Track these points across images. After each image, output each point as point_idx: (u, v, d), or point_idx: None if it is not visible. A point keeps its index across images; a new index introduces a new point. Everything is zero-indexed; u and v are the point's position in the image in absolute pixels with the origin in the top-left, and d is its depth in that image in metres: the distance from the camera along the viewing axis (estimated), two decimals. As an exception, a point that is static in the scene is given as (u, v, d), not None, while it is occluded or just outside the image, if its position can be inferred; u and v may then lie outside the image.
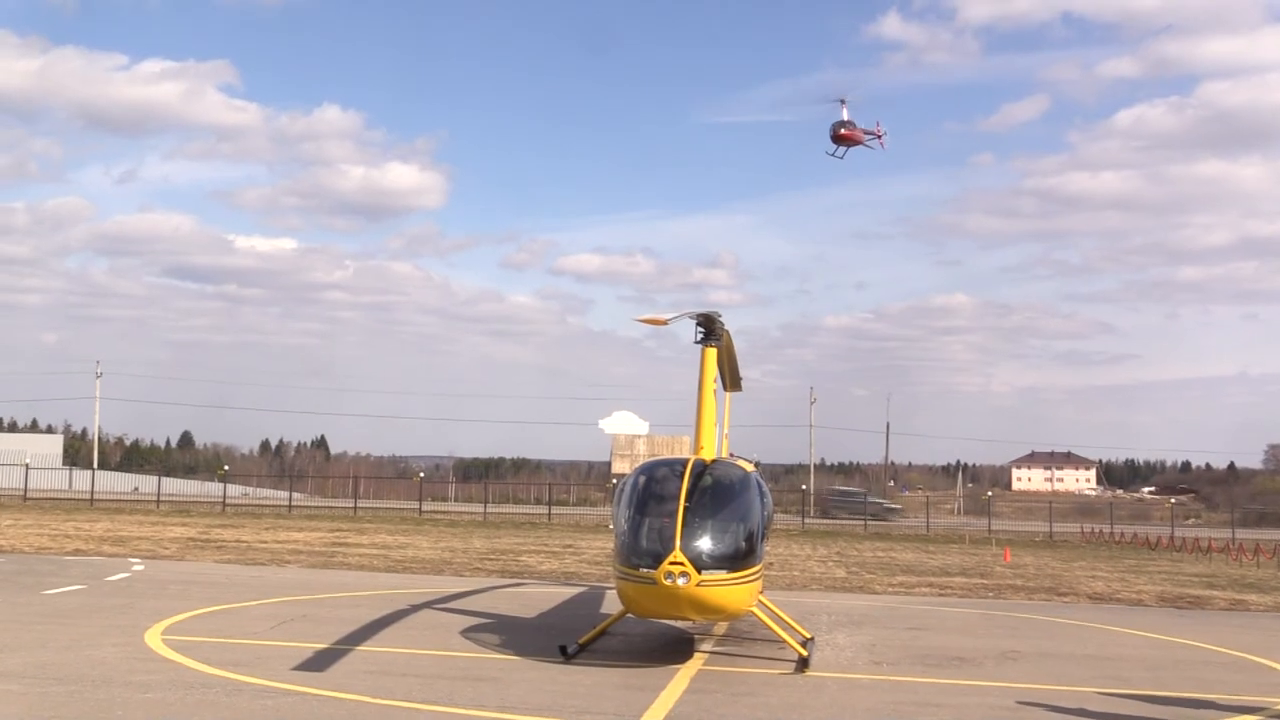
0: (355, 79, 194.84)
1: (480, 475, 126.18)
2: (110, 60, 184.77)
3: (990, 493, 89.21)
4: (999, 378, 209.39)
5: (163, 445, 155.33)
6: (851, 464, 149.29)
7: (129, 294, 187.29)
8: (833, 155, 51.75)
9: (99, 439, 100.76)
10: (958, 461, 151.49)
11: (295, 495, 65.40)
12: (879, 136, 52.40)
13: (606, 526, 43.49)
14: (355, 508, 55.29)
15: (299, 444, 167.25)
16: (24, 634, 14.12)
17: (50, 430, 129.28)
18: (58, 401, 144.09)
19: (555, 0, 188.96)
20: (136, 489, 71.81)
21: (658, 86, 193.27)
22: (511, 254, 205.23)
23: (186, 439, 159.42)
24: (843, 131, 50.66)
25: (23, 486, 55.81)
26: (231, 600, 18.47)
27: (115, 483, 74.60)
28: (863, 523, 58.08)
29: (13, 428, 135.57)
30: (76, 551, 27.49)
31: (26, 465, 57.55)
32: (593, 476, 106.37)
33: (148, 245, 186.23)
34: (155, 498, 56.46)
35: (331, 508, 57.99)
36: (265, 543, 32.03)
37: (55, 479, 67.66)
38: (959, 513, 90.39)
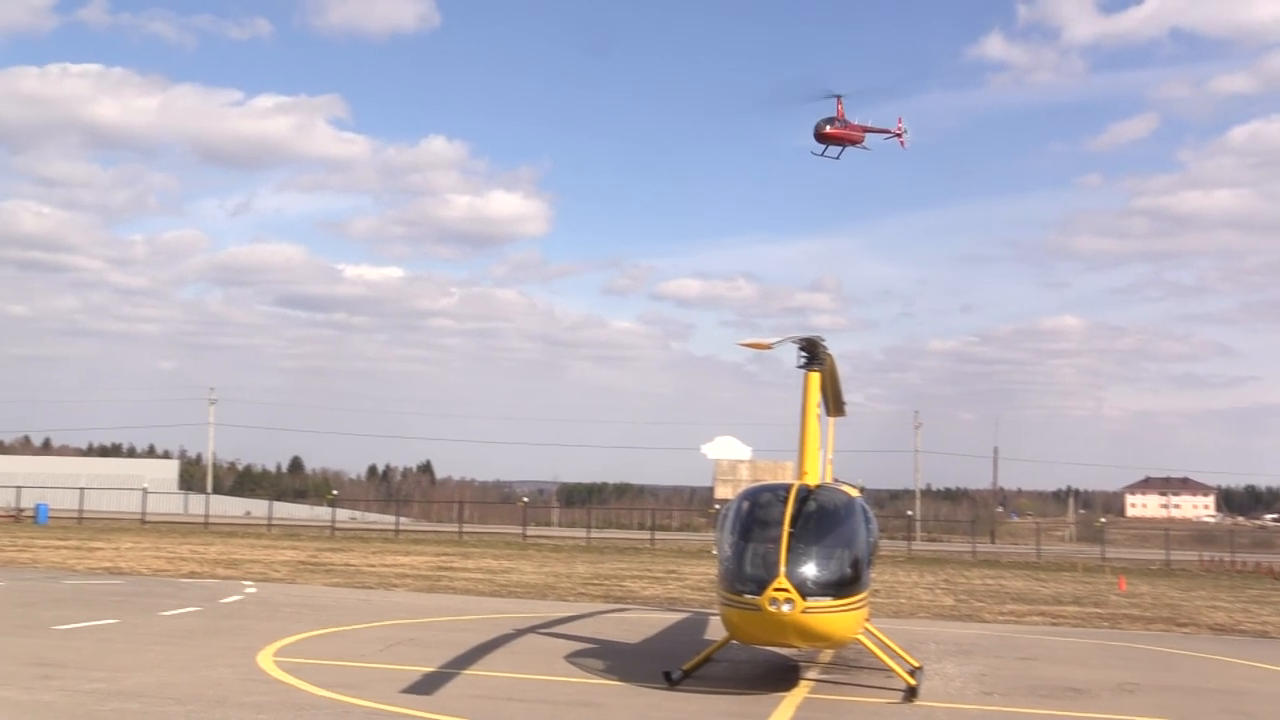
0: (460, 110, 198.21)
1: (583, 500, 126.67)
2: (225, 96, 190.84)
3: (1103, 519, 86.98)
4: (1111, 401, 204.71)
5: (274, 470, 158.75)
6: (958, 489, 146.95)
7: (242, 322, 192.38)
8: (822, 156, 46.42)
9: (213, 464, 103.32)
10: (1069, 487, 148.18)
11: (402, 519, 66.31)
12: (899, 135, 47.46)
13: (710, 552, 43.27)
14: (460, 532, 55.86)
15: (405, 469, 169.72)
16: (143, 654, 14.50)
17: (166, 455, 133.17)
18: (174, 428, 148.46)
19: (653, 31, 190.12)
20: (249, 513, 73.57)
21: (759, 112, 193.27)
22: (614, 280, 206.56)
23: (296, 464, 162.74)
24: (828, 130, 45.53)
25: (141, 510, 57.42)
26: (341, 623, 18.75)
27: (228, 507, 76.58)
28: (970, 549, 57.03)
29: (131, 453, 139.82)
30: (192, 574, 28.18)
31: (144, 490, 59.22)
32: (695, 502, 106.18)
33: (260, 275, 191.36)
34: (267, 522, 57.70)
35: (437, 532, 58.65)
36: (373, 566, 32.50)
37: (171, 503, 69.54)
38: (1071, 540, 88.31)
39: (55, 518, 55.10)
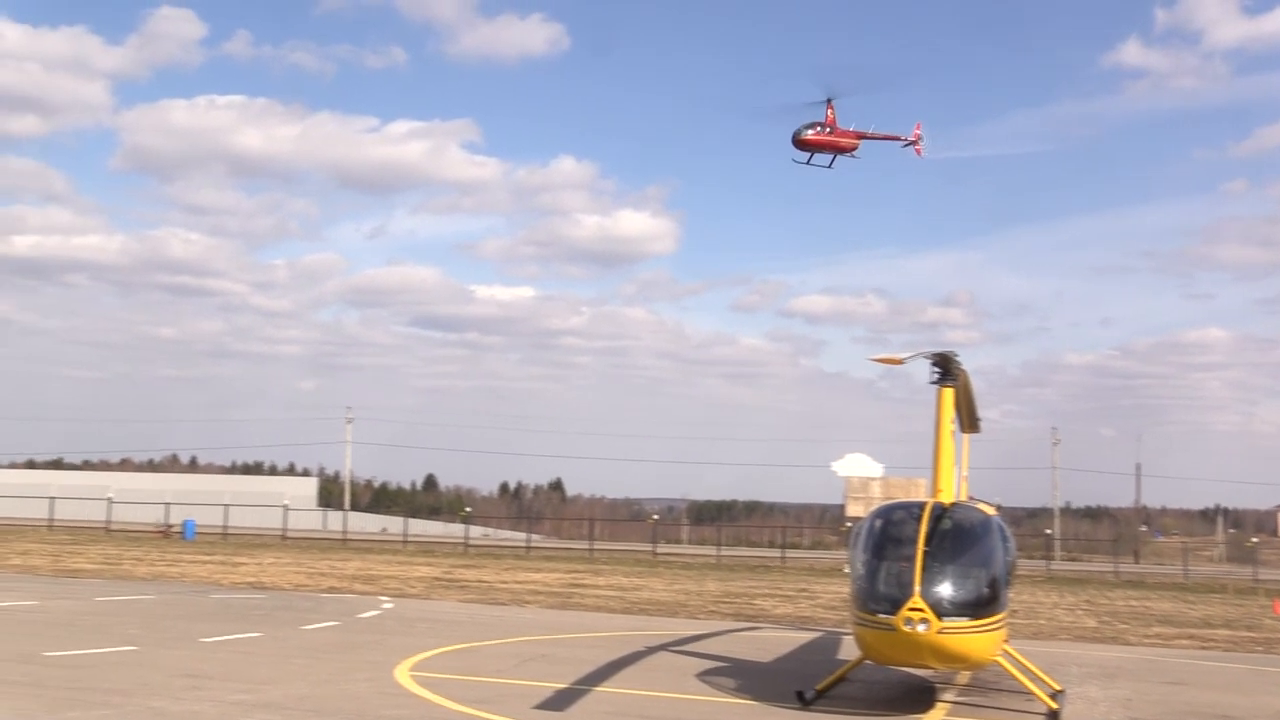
0: (588, 131, 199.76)
1: (713, 518, 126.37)
2: (362, 123, 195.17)
3: (1255, 539, 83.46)
4: (1262, 416, 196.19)
5: (408, 487, 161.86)
6: (1099, 508, 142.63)
7: (378, 343, 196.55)
8: (808, 164, 43.04)
9: (350, 481, 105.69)
10: (1216, 505, 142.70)
11: (533, 536, 66.95)
12: (914, 142, 44.25)
13: (842, 570, 42.75)
14: (591, 549, 56.15)
15: (536, 486, 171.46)
16: (285, 667, 14.87)
17: (306, 473, 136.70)
18: (313, 446, 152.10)
19: (775, 45, 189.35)
20: (385, 530, 75.07)
21: (887, 124, 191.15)
22: (742, 297, 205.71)
23: (431, 481, 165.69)
24: (807, 136, 41.85)
25: (282, 527, 59.02)
26: (475, 639, 18.99)
27: (365, 523, 78.23)
28: (1113, 569, 55.29)
29: (272, 471, 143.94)
30: (331, 589, 28.84)
31: (285, 507, 60.83)
32: (826, 519, 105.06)
33: (395, 296, 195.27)
34: (402, 538, 58.79)
35: (568, 549, 59.06)
36: (506, 583, 32.86)
37: (310, 520, 71.30)
38: (1220, 560, 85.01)
39: (202, 533, 56.99)
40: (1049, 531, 69.07)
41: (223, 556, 40.97)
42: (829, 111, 41.71)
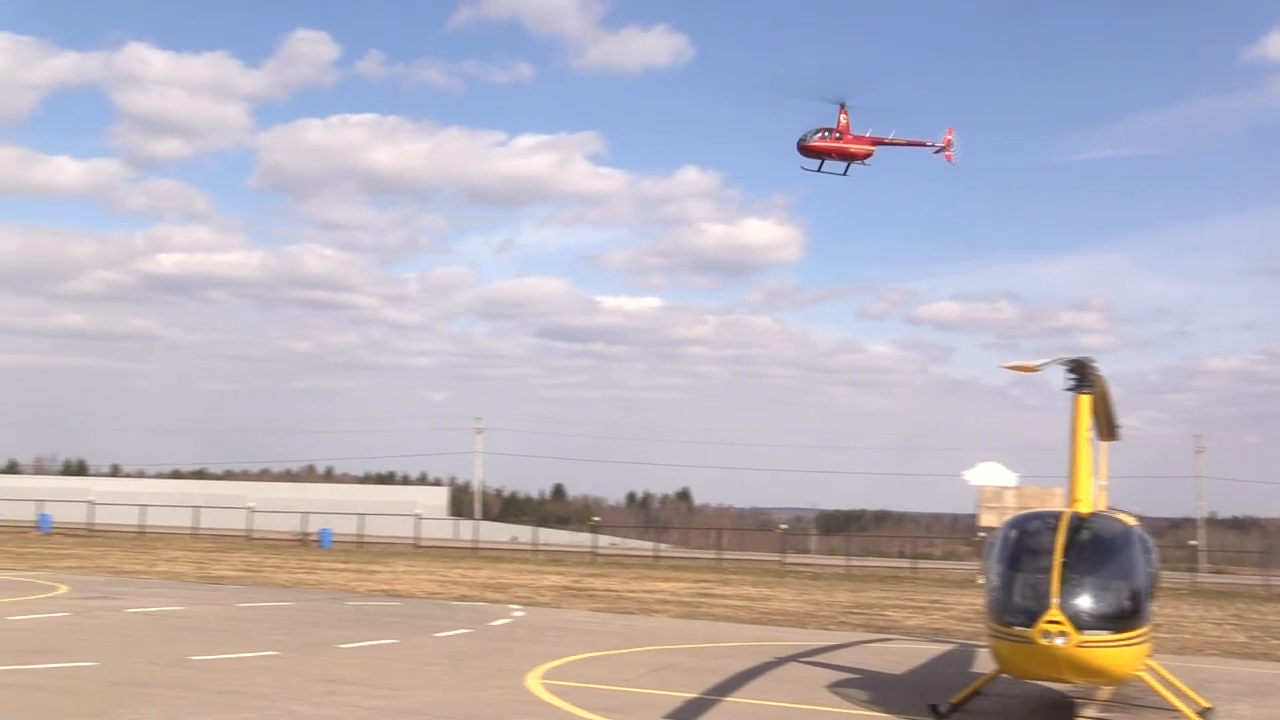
0: (712, 140, 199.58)
1: (842, 527, 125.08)
2: (490, 138, 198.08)
3: None
4: None
5: (537, 497, 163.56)
6: (1247, 518, 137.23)
7: (507, 354, 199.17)
8: (818, 171, 41.37)
9: (480, 491, 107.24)
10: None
11: (660, 545, 67.10)
12: (944, 148, 42.15)
13: (975, 581, 41.92)
14: (719, 558, 56.05)
15: (663, 495, 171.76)
16: (420, 673, 15.13)
17: (437, 483, 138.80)
18: (443, 456, 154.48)
19: (896, 53, 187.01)
20: (514, 538, 75.95)
21: (1016, 125, 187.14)
22: (869, 304, 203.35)
23: (559, 491, 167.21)
24: (812, 142, 40.23)
25: (414, 535, 60.15)
26: (605, 647, 19.07)
27: (495, 532, 79.21)
28: (1263, 582, 53.17)
29: (405, 480, 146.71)
30: (463, 597, 29.27)
31: (417, 516, 61.99)
32: (958, 529, 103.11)
33: (523, 308, 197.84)
34: (532, 547, 59.44)
35: (695, 558, 59.03)
36: (634, 592, 32.96)
37: (442, 529, 72.52)
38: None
39: (338, 542, 58.40)
40: (1193, 543, 66.77)
41: (358, 564, 41.90)
42: (842, 117, 40.48)
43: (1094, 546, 12.92)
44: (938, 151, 41.81)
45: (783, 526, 66.82)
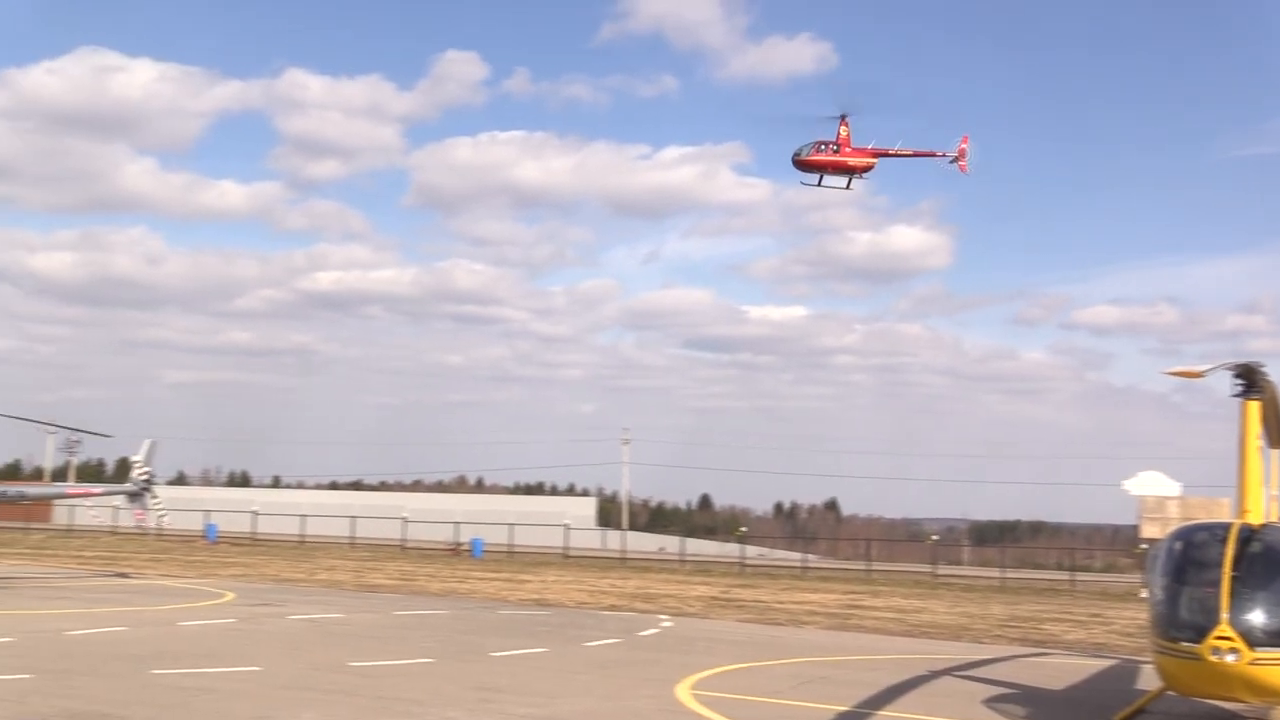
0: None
1: (995, 538, 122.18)
2: (635, 150, 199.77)
3: None
4: None
5: (684, 507, 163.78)
6: None
7: (653, 365, 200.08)
8: (818, 185, 40.54)
9: (628, 501, 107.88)
10: None
11: (808, 556, 66.49)
12: (958, 158, 40.44)
13: (1138, 595, 40.50)
14: (868, 570, 55.28)
15: (811, 506, 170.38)
16: (571, 682, 15.27)
17: (585, 493, 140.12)
18: (591, 466, 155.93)
19: (1043, 64, 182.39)
20: (662, 549, 76.05)
21: (1176, 123, 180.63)
22: (1022, 310, 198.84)
23: (706, 501, 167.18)
24: (807, 157, 39.22)
25: (563, 545, 60.77)
26: (753, 658, 18.98)
27: (643, 542, 79.44)
28: None
29: (553, 491, 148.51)
30: (611, 607, 29.44)
31: (566, 526, 62.61)
32: (1118, 541, 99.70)
33: (669, 319, 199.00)
34: (679, 557, 59.49)
35: (845, 569, 58.32)
36: (783, 603, 32.72)
37: (590, 539, 73.05)
38: None
39: (488, 552, 59.33)
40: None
41: (508, 574, 42.51)
42: (842, 129, 39.46)
43: (1266, 559, 12.36)
44: (952, 161, 40.61)
45: (934, 537, 65.54)
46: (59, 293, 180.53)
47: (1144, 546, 43.01)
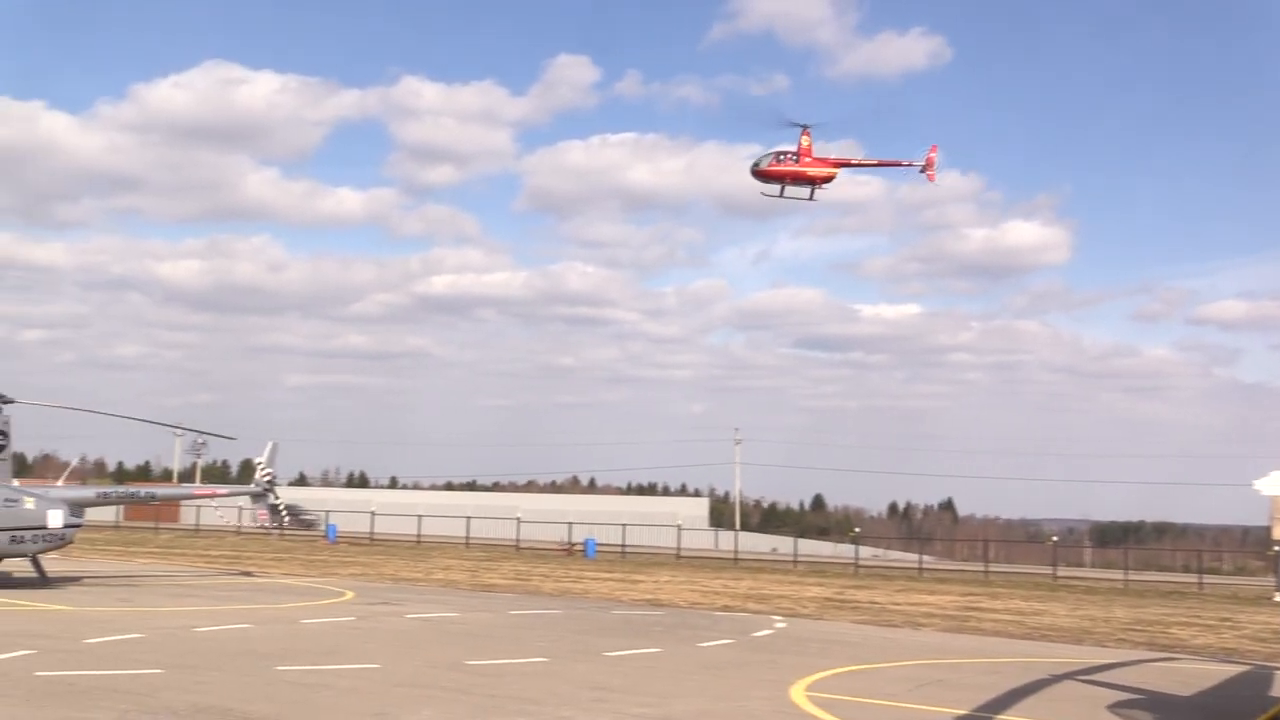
0: (973, 142, 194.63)
1: (1118, 539, 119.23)
2: (746, 150, 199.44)
3: None
4: None
5: (797, 507, 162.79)
6: None
7: (764, 365, 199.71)
8: (780, 196, 39.87)
9: (740, 502, 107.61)
10: None
11: (924, 557, 65.56)
12: (926, 167, 39.66)
13: (1273, 599, 39.15)
14: (986, 571, 54.31)
15: (926, 506, 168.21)
16: (685, 682, 15.24)
17: (696, 494, 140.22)
18: (703, 467, 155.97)
19: (1162, 54, 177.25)
20: (775, 549, 75.69)
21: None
22: (1145, 305, 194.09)
23: (818, 501, 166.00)
24: (765, 167, 38.84)
25: (675, 546, 60.81)
26: (869, 660, 18.75)
27: (755, 543, 79.16)
28: None
29: (665, 491, 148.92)
30: (724, 608, 29.35)
31: (678, 527, 62.65)
32: (1249, 543, 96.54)
33: (780, 318, 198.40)
34: (792, 558, 59.12)
35: (961, 571, 57.40)
36: (898, 605, 32.29)
37: (702, 539, 73.02)
38: None
39: (601, 552, 59.63)
40: None
41: (621, 574, 42.65)
42: (803, 139, 39.05)
43: None
44: (922, 170, 39.98)
45: (1054, 538, 64.15)
46: (186, 300, 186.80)
47: (1277, 549, 41.55)
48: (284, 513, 37.27)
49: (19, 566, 28.26)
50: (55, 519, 27.18)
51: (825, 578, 45.86)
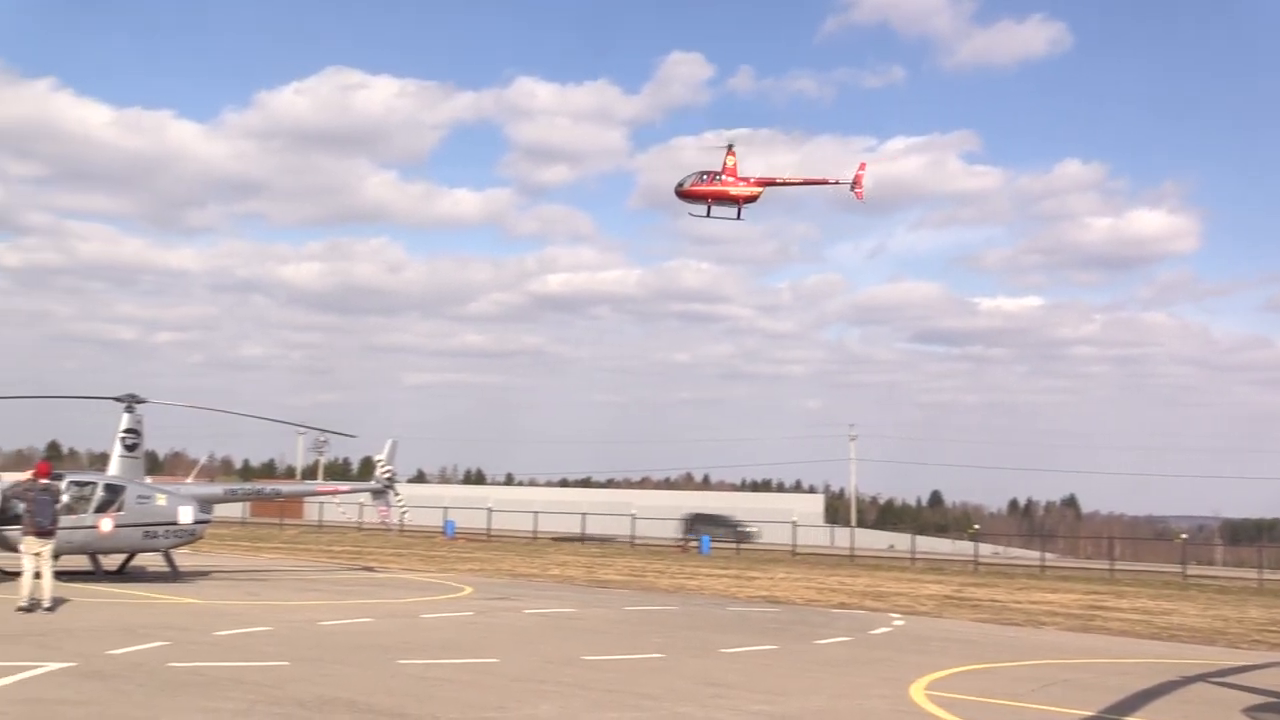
0: (1096, 130, 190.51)
1: (1252, 537, 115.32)
2: (860, 143, 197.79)
3: None
4: None
5: (913, 504, 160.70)
6: None
7: (881, 360, 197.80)
8: (707, 216, 40.74)
9: (855, 498, 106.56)
10: None
11: (1046, 555, 64.20)
12: (854, 185, 40.83)
13: None
14: (1111, 569, 52.96)
15: (1048, 503, 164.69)
16: (800, 680, 15.12)
17: (812, 490, 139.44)
18: (818, 463, 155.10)
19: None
20: (891, 546, 74.87)
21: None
22: (1277, 295, 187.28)
23: (936, 498, 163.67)
24: (688, 188, 39.39)
25: (791, 543, 60.46)
26: (990, 659, 18.40)
27: (871, 540, 78.37)
28: None
29: (780, 488, 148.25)
30: (841, 605, 29.08)
31: (794, 523, 62.28)
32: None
33: (896, 313, 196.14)
34: (910, 555, 58.36)
35: (1085, 569, 56.07)
36: (1019, 603, 31.65)
37: (818, 536, 72.52)
38: None
39: (716, 549, 59.58)
40: None
41: (736, 571, 42.54)
42: (729, 159, 39.83)
43: None
44: (851, 188, 40.97)
45: (1183, 536, 62.21)
46: (308, 301, 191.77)
47: None
48: (404, 508, 37.85)
49: (152, 561, 29.22)
50: (186, 515, 28.02)
51: (944, 575, 45.17)
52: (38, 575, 19.60)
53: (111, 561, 28.09)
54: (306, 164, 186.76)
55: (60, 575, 21.34)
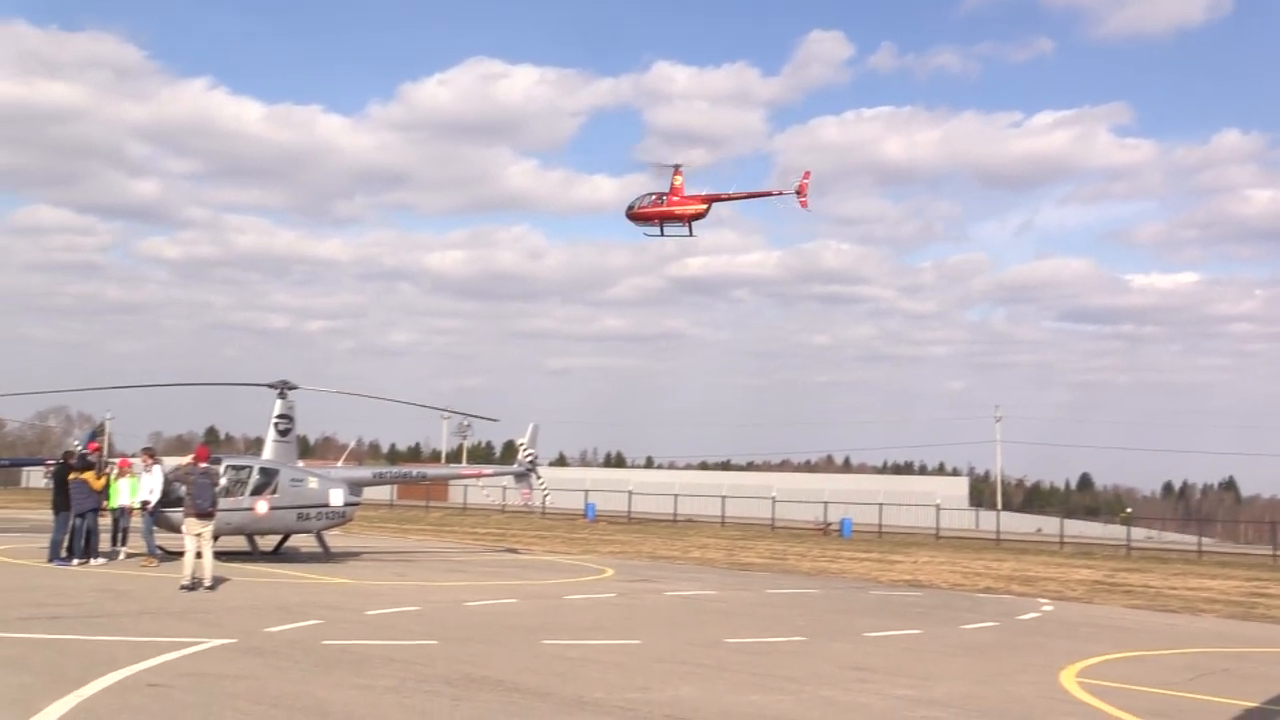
0: (1257, 99, 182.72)
1: None
2: (1006, 119, 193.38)
3: None
4: None
5: (1062, 487, 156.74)
6: None
7: (1028, 339, 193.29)
8: (660, 235, 41.85)
9: (1001, 481, 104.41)
10: None
11: (1204, 540, 62.00)
12: (798, 194, 40.61)
13: None
14: (1274, 555, 50.88)
15: (1205, 485, 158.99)
16: (947, 665, 14.90)
17: (955, 473, 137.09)
18: (962, 445, 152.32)
19: None
20: (1039, 530, 73.20)
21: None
22: None
23: (1085, 480, 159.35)
24: (638, 209, 40.89)
25: (934, 526, 59.57)
26: (1144, 647, 17.87)
27: (1017, 523, 76.74)
28: None
29: (922, 470, 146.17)
30: (987, 589, 28.55)
31: (937, 506, 61.35)
32: None
33: (1044, 291, 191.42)
34: (1058, 539, 56.98)
35: (1246, 555, 54.01)
36: (1175, 589, 30.66)
37: (962, 519, 71.30)
38: None
39: (857, 532, 59.05)
40: None
41: (879, 554, 42.10)
42: (676, 179, 41.02)
43: None
44: (796, 195, 41.24)
45: (1351, 520, 59.38)
46: (452, 289, 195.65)
47: None
48: (546, 491, 38.46)
49: (305, 542, 30.20)
50: (337, 498, 28.87)
51: (1094, 560, 44.00)
52: (199, 555, 20.44)
53: (267, 542, 29.12)
54: (449, 154, 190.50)
55: (220, 555, 22.21)
